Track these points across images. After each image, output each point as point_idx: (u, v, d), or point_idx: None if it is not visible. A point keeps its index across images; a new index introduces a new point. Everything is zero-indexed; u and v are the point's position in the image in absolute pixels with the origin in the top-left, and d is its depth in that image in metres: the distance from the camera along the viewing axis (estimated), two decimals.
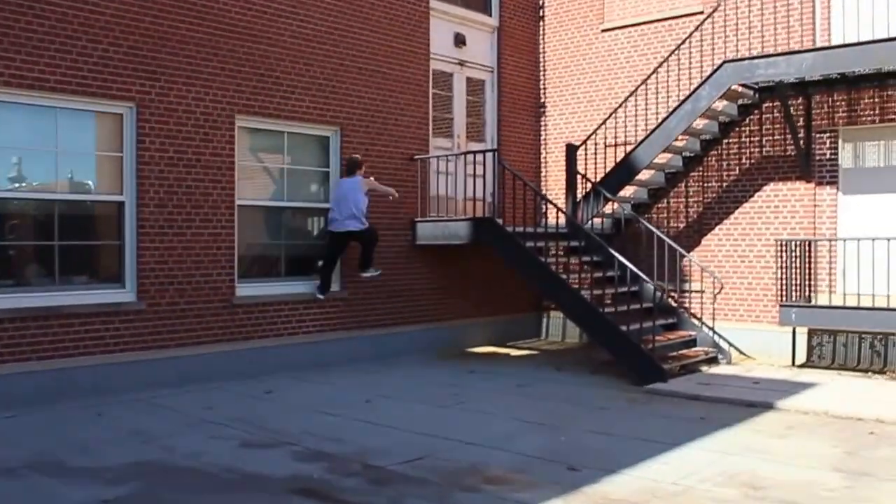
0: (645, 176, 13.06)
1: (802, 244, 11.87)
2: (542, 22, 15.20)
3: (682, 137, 12.48)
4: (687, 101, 11.90)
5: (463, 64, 14.00)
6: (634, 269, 11.23)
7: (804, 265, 11.88)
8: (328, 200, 11.80)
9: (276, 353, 11.00)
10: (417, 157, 12.74)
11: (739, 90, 12.10)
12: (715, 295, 12.34)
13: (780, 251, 11.83)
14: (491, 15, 14.50)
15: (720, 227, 12.89)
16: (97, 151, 9.75)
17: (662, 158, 12.82)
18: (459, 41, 13.86)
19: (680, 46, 12.74)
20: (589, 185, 12.69)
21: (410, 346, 12.62)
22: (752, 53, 12.02)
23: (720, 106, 12.33)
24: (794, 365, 11.64)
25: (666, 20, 13.65)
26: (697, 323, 12.22)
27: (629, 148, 12.66)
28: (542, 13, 15.20)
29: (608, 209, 13.04)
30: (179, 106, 10.13)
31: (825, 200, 11.94)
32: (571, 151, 12.80)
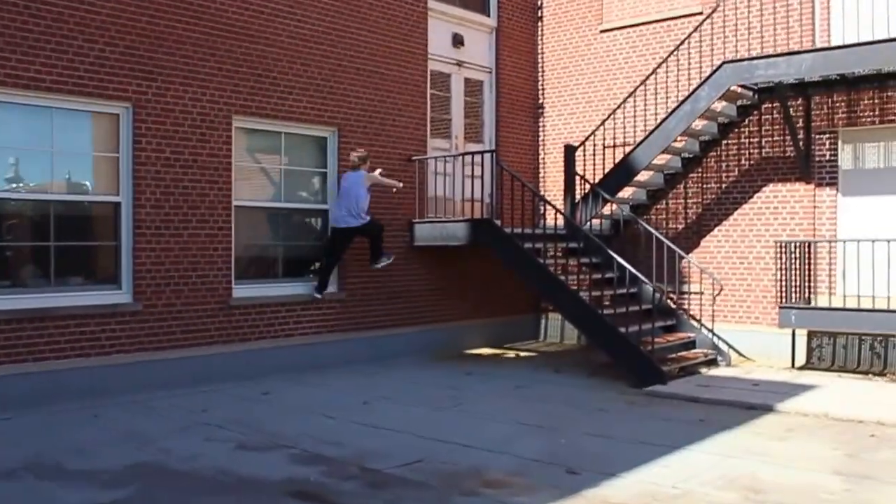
0: (644, 177, 13.02)
1: (802, 246, 11.83)
2: (540, 22, 15.16)
3: (681, 138, 12.44)
4: (686, 101, 11.86)
5: (461, 65, 13.96)
6: (633, 270, 11.19)
7: (804, 267, 11.84)
8: (326, 201, 11.76)
9: (272, 354, 10.94)
10: (415, 157, 12.69)
11: (739, 91, 12.06)
12: (714, 297, 12.29)
13: (779, 253, 11.79)
14: (489, 15, 14.46)
15: (719, 228, 12.85)
16: (93, 152, 9.70)
17: (661, 159, 12.78)
18: (457, 42, 13.81)
19: (679, 47, 12.70)
20: (587, 186, 12.65)
21: (408, 347, 12.56)
22: (751, 54, 11.98)
23: (719, 107, 12.30)
24: (793, 367, 11.60)
25: (665, 21, 13.61)
26: (696, 325, 12.18)
27: (628, 149, 12.62)
28: (540, 14, 15.15)
29: (607, 210, 12.99)
30: (176, 106, 10.07)
31: (825, 202, 11.90)
32: (570, 152, 12.77)
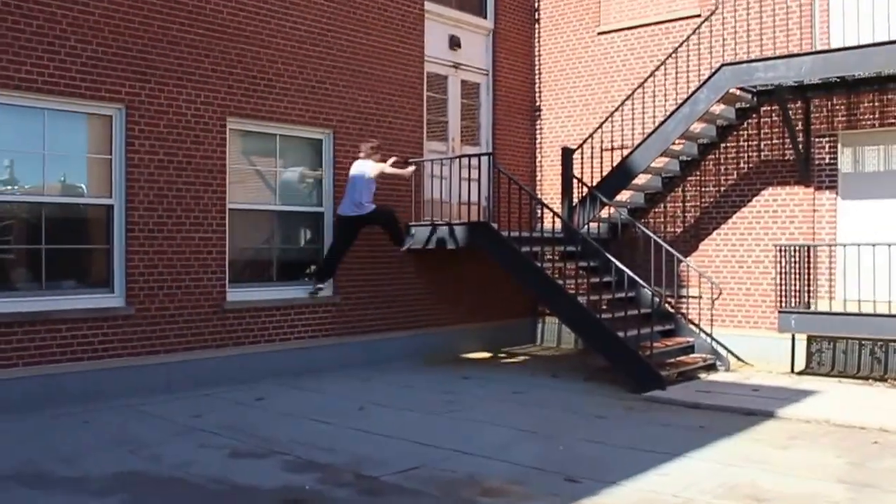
0: (642, 180, 12.92)
1: (801, 249, 11.74)
2: (537, 25, 15.07)
3: (679, 141, 12.36)
4: (685, 104, 11.77)
5: (458, 67, 13.86)
6: (631, 274, 11.09)
7: (803, 271, 11.75)
8: (321, 204, 11.66)
9: (267, 358, 10.83)
10: (412, 160, 12.57)
11: (738, 94, 11.97)
12: (713, 301, 12.19)
13: (778, 256, 11.69)
14: (486, 17, 14.37)
15: (718, 231, 12.76)
16: (86, 154, 9.58)
17: (660, 162, 12.70)
18: (454, 44, 13.72)
19: (677, 50, 12.63)
20: (585, 189, 12.55)
21: (404, 351, 12.46)
22: (750, 57, 11.91)
23: (718, 110, 12.21)
24: (793, 372, 11.51)
25: (663, 23, 13.52)
26: (695, 329, 12.07)
27: (626, 152, 12.53)
28: (537, 16, 15.07)
29: (605, 214, 12.89)
30: (170, 108, 9.96)
31: (824, 205, 11.80)
32: (567, 155, 12.67)
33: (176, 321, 10.01)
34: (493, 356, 13.44)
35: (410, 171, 11.88)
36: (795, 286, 11.64)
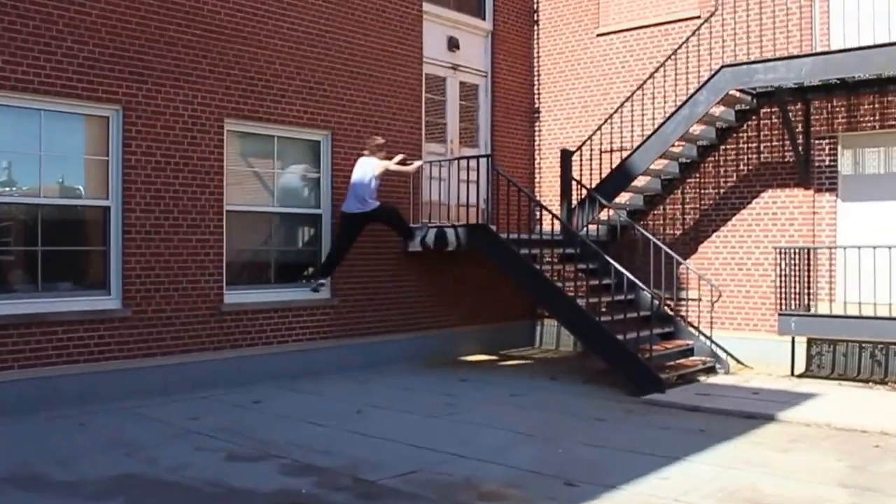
0: (641, 182, 12.86)
1: (801, 252, 11.69)
2: (536, 26, 15.03)
3: (678, 143, 12.31)
4: (684, 106, 11.72)
5: (456, 68, 13.82)
6: (631, 276, 11.05)
7: (803, 273, 11.70)
8: (319, 206, 11.62)
9: (264, 361, 10.77)
10: (410, 162, 12.53)
11: (737, 95, 11.94)
12: (713, 303, 12.14)
13: (778, 259, 11.64)
14: (485, 19, 14.32)
15: (717, 234, 12.72)
16: (82, 155, 9.53)
17: (659, 164, 12.65)
18: (453, 45, 13.68)
19: (677, 51, 12.59)
20: (584, 191, 12.50)
21: (402, 354, 12.40)
22: (750, 58, 11.86)
23: (717, 111, 12.16)
24: (793, 375, 11.45)
25: (662, 25, 13.49)
26: (695, 332, 12.02)
27: (625, 154, 12.49)
28: (536, 17, 15.03)
29: (604, 216, 12.84)
30: (167, 109, 9.91)
31: (824, 207, 11.76)
32: (566, 157, 12.62)
33: (173, 323, 9.95)
34: (491, 358, 13.38)
35: (417, 165, 11.84)
36: (795, 289, 11.59)
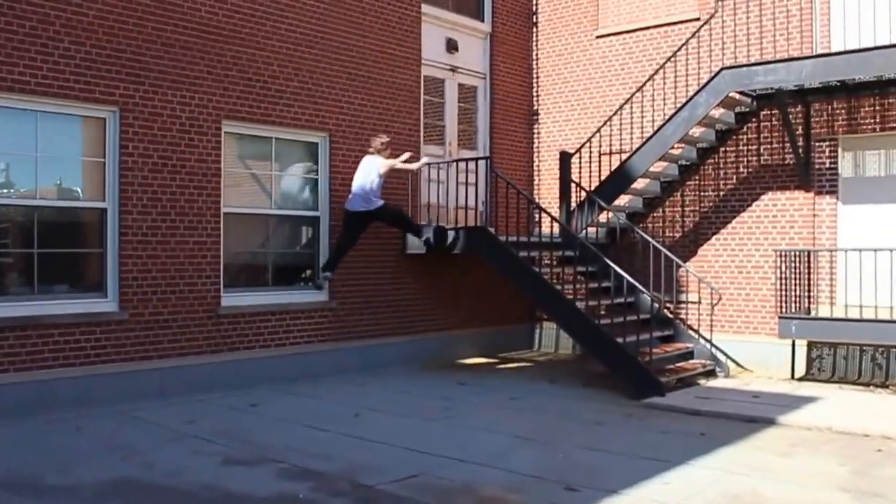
0: (640, 185, 12.82)
1: (802, 255, 11.64)
2: (535, 28, 14.99)
3: (678, 146, 12.26)
4: (684, 108, 11.67)
5: (455, 70, 13.77)
6: (630, 279, 10.99)
7: (803, 276, 11.64)
8: (317, 208, 11.56)
9: (262, 364, 10.71)
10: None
11: (737, 98, 11.89)
12: (712, 306, 12.08)
13: (779, 262, 11.58)
14: (483, 21, 14.28)
15: (717, 236, 12.66)
16: (79, 157, 9.47)
17: (658, 167, 12.60)
18: (451, 47, 13.63)
19: (676, 53, 12.53)
20: (583, 193, 12.45)
21: (400, 357, 12.34)
22: (750, 60, 11.82)
23: (717, 114, 12.11)
24: (793, 378, 11.39)
25: (662, 27, 13.45)
26: (695, 335, 11.97)
27: (624, 156, 12.43)
28: (535, 19, 14.99)
29: (603, 218, 12.79)
30: (164, 110, 9.86)
31: (825, 210, 11.71)
32: (565, 159, 12.57)
33: (170, 326, 9.89)
34: (490, 362, 13.32)
35: (422, 162, 11.78)
36: (796, 291, 11.53)
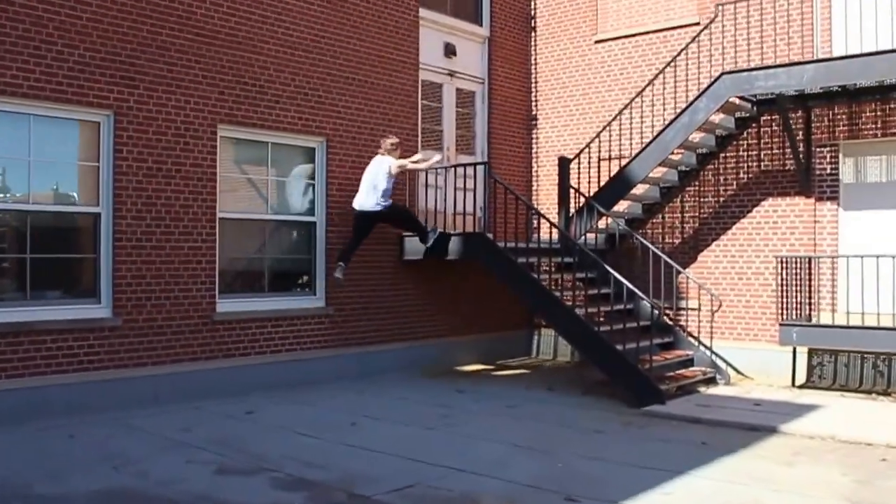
0: (639, 190, 12.72)
1: (802, 261, 11.54)
2: (533, 33, 14.91)
3: (678, 151, 12.17)
4: (684, 113, 11.58)
5: (453, 74, 13.68)
6: (630, 285, 10.89)
7: (804, 283, 11.54)
8: (314, 213, 11.46)
9: (258, 371, 10.59)
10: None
11: (737, 103, 11.80)
12: (712, 313, 11.98)
13: (780, 268, 11.48)
14: (481, 25, 14.20)
15: (717, 243, 12.57)
16: (72, 161, 9.36)
17: (658, 172, 12.51)
18: (449, 51, 13.54)
19: (676, 58, 12.44)
20: (582, 199, 12.36)
21: (398, 363, 12.23)
22: (750, 65, 11.73)
23: (717, 119, 12.04)
24: (794, 385, 11.30)
25: (661, 31, 13.37)
26: (695, 342, 11.86)
27: (623, 162, 12.34)
28: (533, 24, 14.91)
29: (602, 224, 12.69)
30: (159, 114, 9.75)
31: (825, 216, 11.62)
32: (564, 165, 12.48)
33: (164, 332, 9.78)
34: (488, 368, 13.22)
35: (434, 160, 11.67)
36: (797, 298, 11.43)
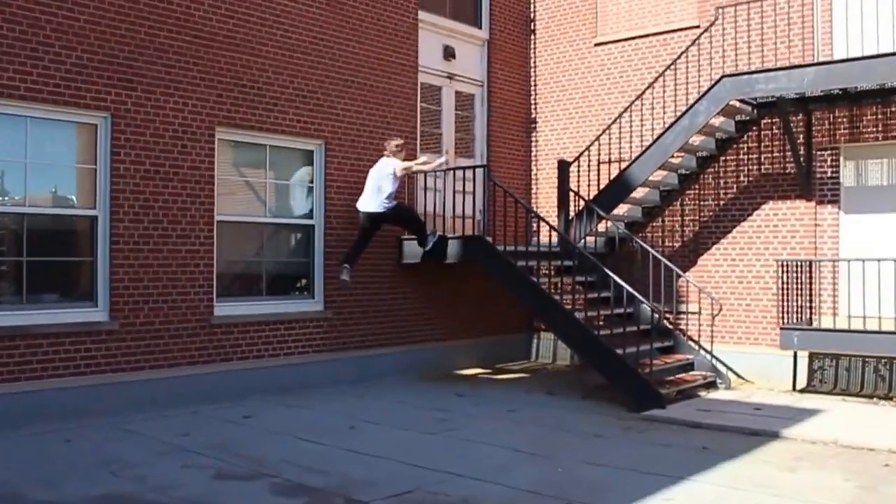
0: (639, 194, 12.67)
1: (803, 265, 11.49)
2: (533, 35, 14.86)
3: (678, 154, 12.11)
4: (684, 116, 11.53)
5: (452, 77, 13.64)
6: (630, 289, 10.83)
7: (805, 286, 11.49)
8: (312, 216, 11.41)
9: (256, 375, 10.53)
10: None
11: (738, 106, 11.76)
12: (713, 317, 11.92)
13: (780, 272, 11.43)
14: (481, 28, 14.15)
15: (717, 246, 12.52)
16: (70, 163, 9.30)
17: (658, 176, 12.45)
18: (449, 54, 13.50)
19: (676, 61, 12.40)
20: (582, 202, 12.30)
21: (396, 367, 12.16)
22: (750, 68, 11.69)
23: (717, 122, 11.98)
24: (794, 390, 11.24)
25: (661, 34, 13.33)
26: (695, 346, 11.82)
27: (623, 165, 12.29)
28: (533, 26, 14.86)
29: (602, 227, 12.64)
30: (157, 117, 9.70)
31: (826, 219, 11.58)
32: (564, 168, 12.42)
33: (162, 336, 9.71)
34: (487, 372, 13.16)
35: (440, 161, 11.61)
36: (797, 302, 11.37)
